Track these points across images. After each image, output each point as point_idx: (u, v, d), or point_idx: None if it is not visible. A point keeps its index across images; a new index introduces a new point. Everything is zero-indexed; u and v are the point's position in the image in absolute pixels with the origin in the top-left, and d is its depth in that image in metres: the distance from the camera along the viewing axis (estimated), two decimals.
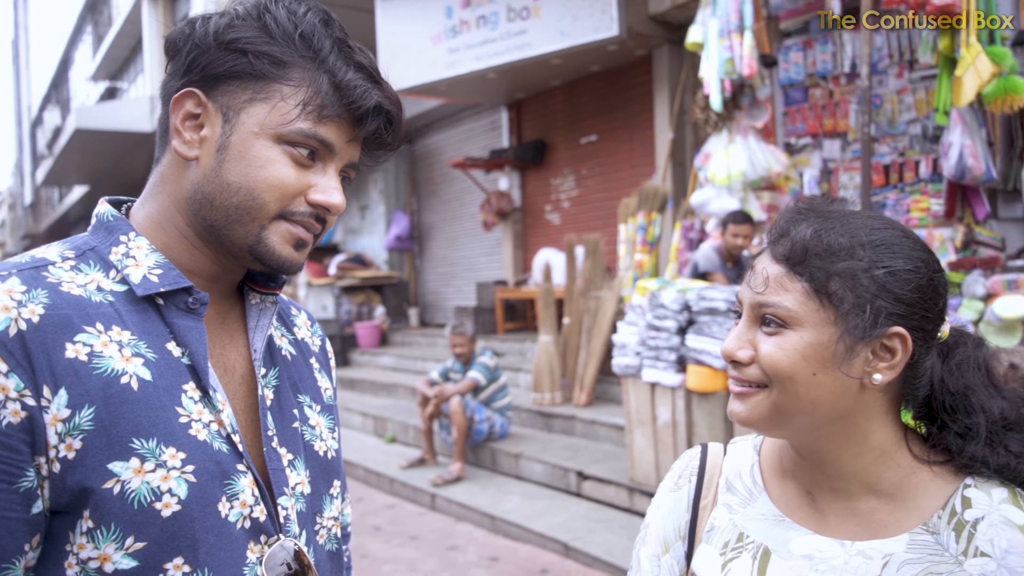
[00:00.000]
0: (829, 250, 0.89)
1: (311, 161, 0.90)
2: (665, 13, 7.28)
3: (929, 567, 0.87)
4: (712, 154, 5.75)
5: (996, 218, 4.88)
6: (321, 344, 1.16)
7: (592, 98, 9.15)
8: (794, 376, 0.89)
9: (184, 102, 0.90)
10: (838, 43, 5.76)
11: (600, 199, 9.18)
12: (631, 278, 6.97)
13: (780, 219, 0.96)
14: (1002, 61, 4.05)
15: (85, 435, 0.78)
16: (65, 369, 0.79)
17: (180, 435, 0.84)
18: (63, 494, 0.78)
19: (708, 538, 1.02)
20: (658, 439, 4.87)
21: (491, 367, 6.50)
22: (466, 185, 10.94)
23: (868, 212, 0.96)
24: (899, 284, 0.89)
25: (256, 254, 0.91)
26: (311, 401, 1.05)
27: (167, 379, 0.85)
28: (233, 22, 0.89)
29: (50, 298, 0.81)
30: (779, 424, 0.92)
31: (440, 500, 5.83)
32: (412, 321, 12.14)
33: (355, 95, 0.89)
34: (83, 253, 0.89)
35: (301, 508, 0.95)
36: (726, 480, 1.05)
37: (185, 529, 0.82)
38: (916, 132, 5.42)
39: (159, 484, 0.81)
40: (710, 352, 4.45)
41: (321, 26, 0.91)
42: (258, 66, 0.88)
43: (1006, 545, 0.86)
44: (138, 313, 0.87)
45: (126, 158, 16.17)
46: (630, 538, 4.65)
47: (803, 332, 0.89)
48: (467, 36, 8.26)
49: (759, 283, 0.92)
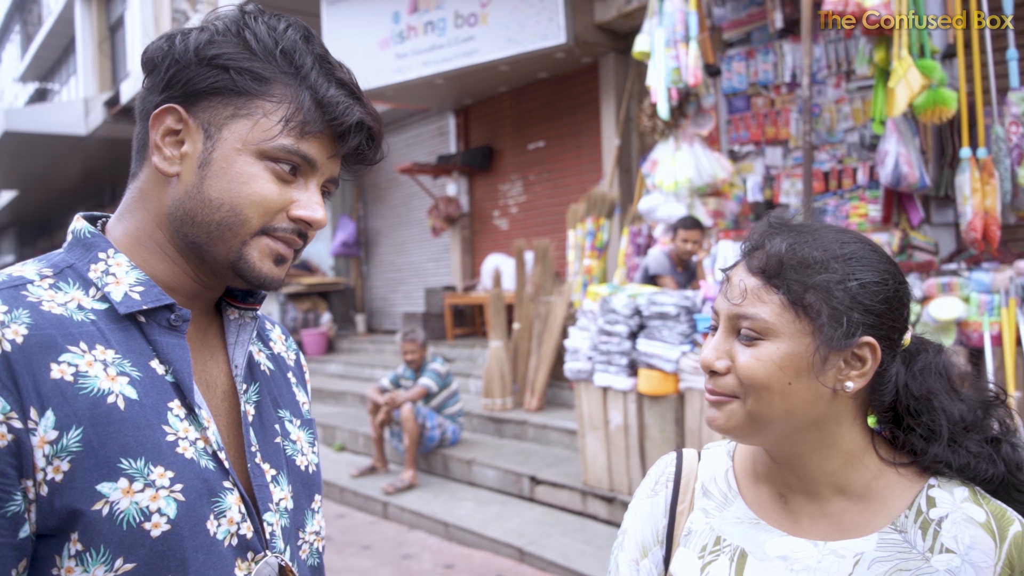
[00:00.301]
0: (804, 263, 0.92)
1: (293, 177, 0.90)
2: (611, 22, 7.40)
3: (898, 564, 0.92)
4: (659, 161, 5.85)
5: (929, 223, 5.09)
6: (296, 358, 1.16)
7: (539, 104, 9.22)
8: (770, 386, 0.92)
9: (164, 118, 0.89)
10: (779, 53, 5.93)
11: (548, 205, 9.25)
12: (580, 283, 7.05)
13: (754, 233, 1.00)
14: (931, 74, 4.23)
15: (73, 456, 0.77)
16: (51, 390, 0.77)
17: (168, 454, 0.83)
18: (50, 517, 0.77)
19: (686, 542, 1.05)
20: (610, 442, 4.93)
21: (442, 373, 6.49)
22: (413, 191, 10.90)
23: (836, 227, 1.00)
24: (869, 296, 0.92)
25: (237, 270, 0.91)
26: (291, 416, 1.05)
27: (153, 397, 0.84)
28: (214, 38, 0.88)
29: (32, 318, 0.80)
30: (755, 431, 0.95)
31: (392, 508, 5.78)
32: (359, 328, 12.03)
33: (337, 111, 0.89)
34: (61, 271, 0.87)
35: (285, 523, 0.95)
36: (702, 485, 1.08)
37: (175, 549, 0.81)
38: (854, 140, 5.61)
39: (148, 504, 0.80)
40: (661, 356, 4.53)
41: (302, 42, 0.91)
42: (240, 82, 0.87)
43: (969, 541, 0.91)
44: (120, 331, 0.86)
45: (59, 162, 15.64)
46: (584, 541, 4.70)
47: (779, 343, 0.92)
48: (414, 42, 8.24)
49: (736, 295, 0.95)
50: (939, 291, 4.05)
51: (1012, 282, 3.85)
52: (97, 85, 16.09)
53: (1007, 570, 0.89)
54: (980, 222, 4.21)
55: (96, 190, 18.90)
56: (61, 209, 21.46)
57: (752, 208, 6.19)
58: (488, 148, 10.01)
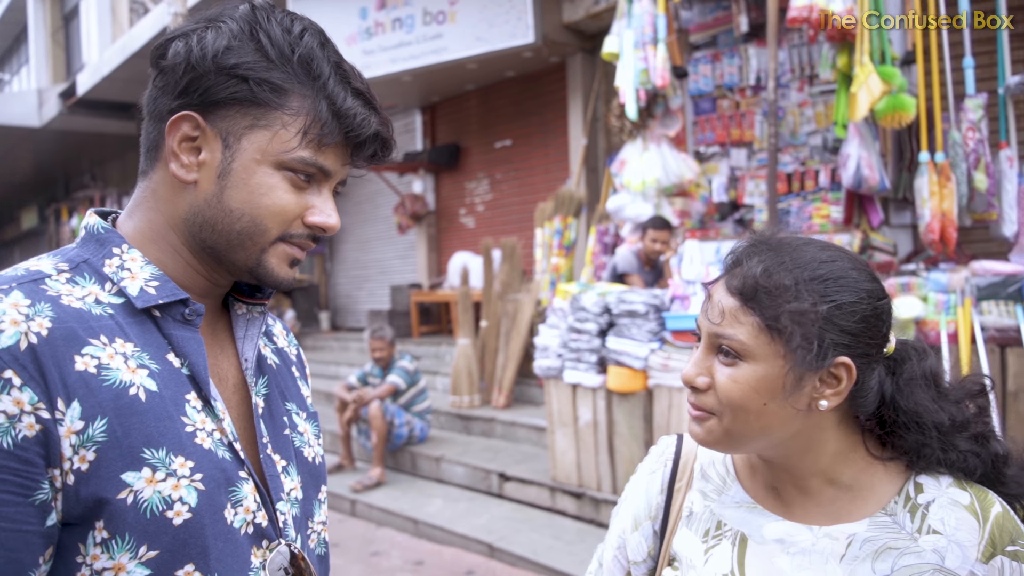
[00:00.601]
0: (777, 288, 0.94)
1: (307, 184, 0.92)
2: (579, 22, 7.46)
3: (888, 543, 0.97)
4: (627, 161, 5.93)
5: (889, 225, 5.25)
6: (297, 353, 1.18)
7: (507, 103, 9.25)
8: (746, 406, 0.96)
9: (181, 125, 0.89)
10: (744, 57, 6.05)
11: (515, 203, 9.29)
12: (548, 281, 7.11)
13: (735, 249, 1.02)
14: (891, 80, 4.37)
15: (99, 446, 0.79)
16: (76, 382, 0.79)
17: (187, 444, 0.85)
18: (76, 506, 0.79)
19: (688, 523, 1.10)
20: (579, 439, 4.99)
21: (411, 371, 6.49)
22: (379, 187, 10.85)
23: (820, 242, 1.02)
24: (844, 317, 0.95)
25: (255, 274, 0.94)
26: (297, 409, 1.07)
27: (171, 389, 0.86)
28: (231, 43, 0.88)
29: (54, 311, 0.81)
30: (734, 446, 1.00)
31: (360, 506, 5.77)
32: (323, 325, 11.94)
33: (355, 123, 0.91)
34: (77, 266, 0.88)
35: (296, 513, 0.98)
36: (701, 467, 1.13)
37: (196, 536, 0.83)
38: (816, 143, 5.75)
39: (170, 493, 0.82)
40: (630, 353, 4.59)
41: (319, 49, 0.91)
42: (259, 93, 0.88)
43: (955, 523, 0.97)
44: (137, 325, 0.88)
45: (10, 155, 15.21)
46: (554, 536, 4.75)
47: (755, 365, 0.95)
48: (382, 38, 8.22)
49: (716, 315, 0.99)
50: (898, 291, 4.18)
51: (967, 282, 4.00)
52: (51, 76, 15.69)
53: (989, 548, 0.95)
54: (938, 224, 4.36)
55: (49, 183, 18.42)
56: (13, 202, 20.87)
57: (717, 208, 6.31)
58: (455, 146, 10.02)
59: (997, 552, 0.95)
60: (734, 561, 1.03)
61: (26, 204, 20.46)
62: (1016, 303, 3.83)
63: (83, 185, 16.81)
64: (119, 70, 10.43)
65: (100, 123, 12.69)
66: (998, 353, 3.83)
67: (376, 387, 6.42)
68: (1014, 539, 0.96)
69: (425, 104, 10.29)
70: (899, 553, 0.96)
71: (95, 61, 11.80)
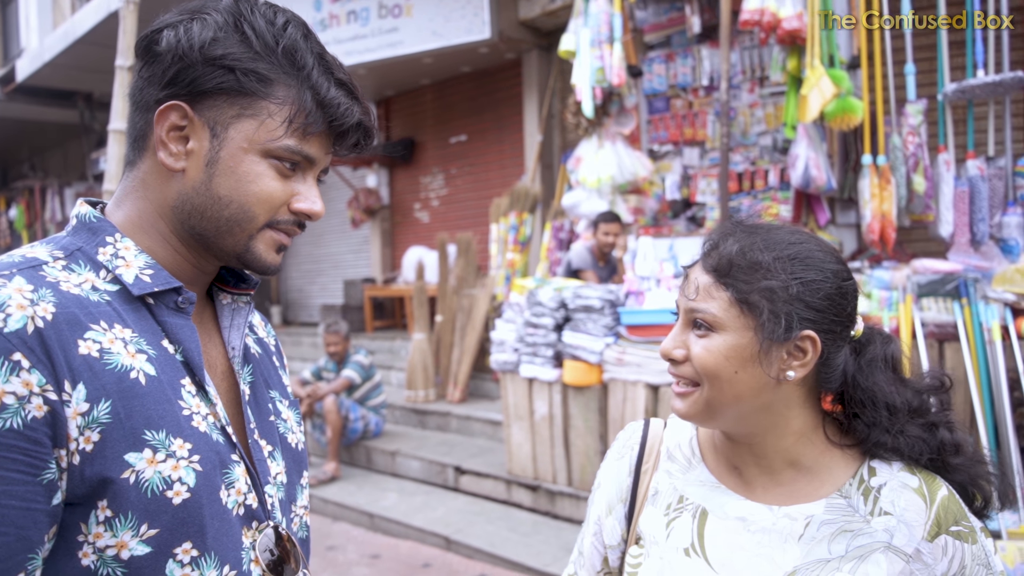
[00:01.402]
0: (751, 266, 1.02)
1: (292, 172, 0.95)
2: (535, 19, 7.51)
3: (843, 525, 1.04)
4: (583, 158, 6.01)
5: (835, 224, 5.43)
6: (276, 343, 1.21)
7: (462, 99, 9.26)
8: (719, 374, 1.03)
9: (169, 115, 0.91)
10: (697, 58, 6.18)
11: (470, 198, 9.31)
12: (503, 276, 7.15)
13: (712, 233, 1.10)
14: (840, 83, 4.52)
15: (103, 428, 0.81)
16: (81, 365, 0.81)
17: (185, 427, 0.88)
18: (80, 485, 0.81)
19: (653, 501, 1.16)
20: (535, 432, 5.05)
21: (366, 365, 6.47)
22: (332, 181, 10.74)
23: (790, 228, 1.10)
24: (810, 293, 1.02)
25: (243, 260, 0.96)
26: (280, 396, 1.10)
27: (168, 374, 0.89)
28: (217, 35, 0.90)
29: (56, 297, 0.83)
30: (712, 416, 1.07)
31: (315, 500, 5.74)
32: (275, 319, 11.79)
33: (338, 112, 0.94)
34: (71, 253, 0.90)
35: (281, 496, 1.01)
36: (667, 450, 1.20)
37: (194, 515, 0.86)
38: (766, 144, 5.91)
39: (170, 473, 0.85)
40: (586, 348, 4.67)
41: (303, 41, 0.94)
42: (245, 83, 0.91)
43: (904, 504, 1.04)
44: (133, 312, 0.90)
45: None
46: (510, 528, 4.81)
47: (726, 335, 1.03)
48: (337, 31, 8.14)
49: (691, 291, 1.07)
50: None
51: (909, 280, 4.17)
52: None
53: (935, 527, 1.02)
54: (878, 224, 4.53)
55: None
56: None
57: (670, 206, 6.43)
58: (410, 140, 9.98)
59: (942, 531, 1.02)
60: (694, 533, 1.09)
61: None
62: (954, 300, 4.01)
63: (22, 175, 16.24)
64: (61, 56, 10.11)
65: (40, 111, 12.29)
66: (936, 347, 4.01)
67: (331, 382, 6.38)
68: (958, 520, 1.03)
69: (380, 98, 10.23)
70: (853, 535, 1.03)
71: (35, 47, 11.41)
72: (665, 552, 1.10)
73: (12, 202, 16.01)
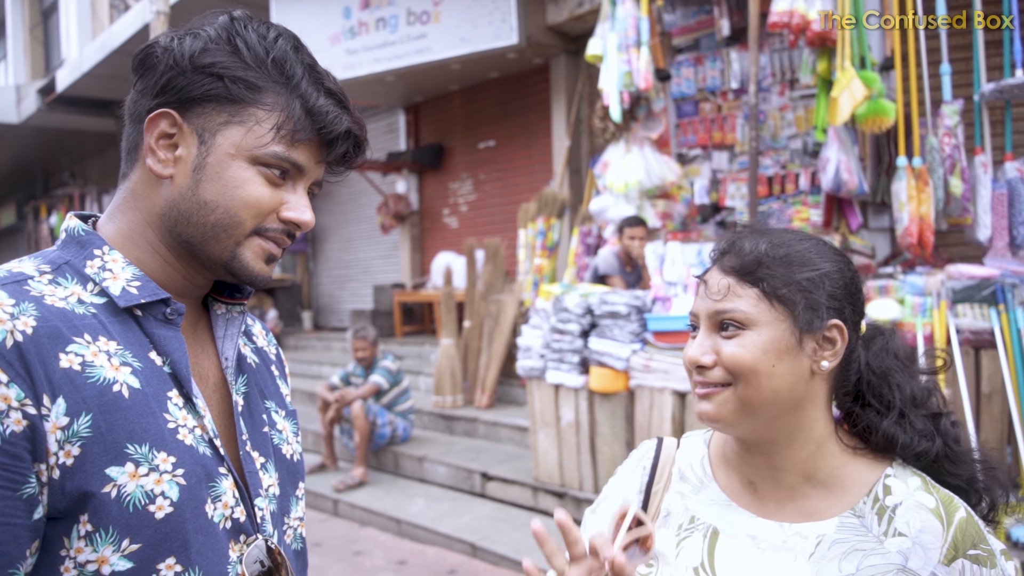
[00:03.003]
0: (775, 259, 1.04)
1: (282, 180, 0.95)
2: (563, 24, 7.49)
3: (855, 545, 1.01)
4: (610, 163, 5.97)
5: (867, 228, 5.32)
6: (277, 352, 1.20)
7: (490, 104, 9.27)
8: (757, 369, 1.01)
9: (159, 122, 0.92)
10: (726, 61, 6.11)
11: (498, 204, 9.31)
12: (531, 282, 7.13)
13: (725, 238, 1.10)
14: (872, 85, 4.44)
15: (83, 441, 0.81)
16: (61, 378, 0.81)
17: (169, 440, 0.87)
18: (61, 500, 0.80)
19: (665, 523, 1.13)
20: (562, 439, 5.02)
21: (393, 371, 6.49)
22: (362, 187, 10.83)
23: (791, 229, 1.13)
24: (831, 283, 1.04)
25: (230, 268, 0.96)
26: (276, 407, 1.09)
27: (154, 387, 0.88)
28: (208, 45, 0.92)
29: (38, 310, 0.83)
30: (745, 417, 1.03)
31: (343, 505, 5.77)
32: (306, 325, 11.90)
33: (326, 120, 0.94)
34: (59, 267, 0.90)
35: (273, 509, 1.00)
36: (679, 470, 1.17)
37: (177, 530, 0.85)
38: (797, 147, 5.82)
39: (152, 487, 0.84)
40: (612, 354, 4.63)
41: (293, 52, 0.95)
42: (234, 90, 0.91)
43: (919, 526, 1.00)
44: (120, 324, 0.90)
45: None
46: None
47: (760, 330, 1.02)
48: (366, 38, 8.20)
49: (715, 292, 1.05)
50: (876, 293, 4.25)
51: (943, 285, 4.06)
52: (29, 72, 15.50)
53: (952, 551, 0.99)
54: (916, 228, 4.43)
55: (28, 180, 18.21)
56: None
57: (699, 210, 6.36)
58: (438, 146, 10.02)
59: (959, 555, 0.99)
60: (704, 553, 1.07)
61: (4, 201, 20.21)
62: (990, 306, 3.91)
63: (62, 183, 16.63)
64: (99, 67, 10.34)
65: (80, 120, 12.58)
66: (972, 355, 3.90)
67: (359, 387, 6.41)
68: (976, 543, 0.99)
69: (409, 104, 10.29)
70: (865, 554, 1.00)
71: (75, 57, 11.68)
72: (675, 571, 1.08)
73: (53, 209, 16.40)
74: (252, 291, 1.07)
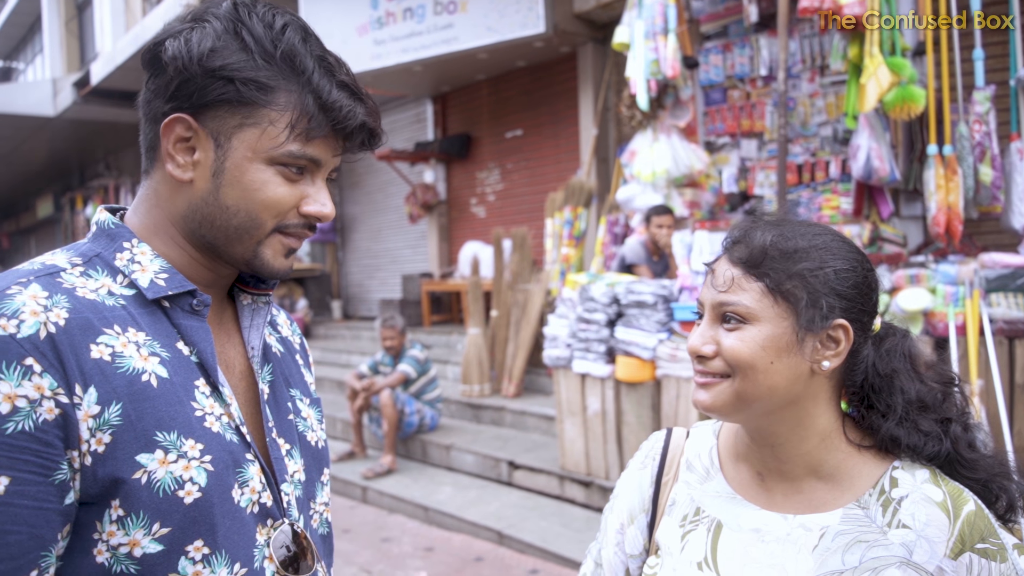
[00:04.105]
0: (785, 254, 1.01)
1: (300, 176, 0.96)
2: (590, 12, 7.45)
3: (858, 536, 1.01)
4: (637, 151, 5.95)
5: (899, 216, 5.24)
6: (300, 342, 1.23)
7: (518, 93, 9.26)
8: (755, 364, 1.00)
9: (175, 127, 0.93)
10: (755, 47, 6.03)
11: (525, 193, 9.31)
12: (558, 271, 7.13)
13: (735, 227, 1.09)
14: (901, 71, 4.36)
15: (114, 429, 0.84)
16: (92, 368, 0.84)
17: (197, 427, 0.90)
18: (93, 485, 0.83)
19: (670, 511, 1.14)
20: (588, 428, 5.04)
21: (421, 360, 6.54)
22: (390, 177, 10.89)
23: (807, 220, 1.09)
24: (841, 282, 1.02)
25: (252, 266, 0.98)
26: (301, 395, 1.12)
27: (181, 376, 0.91)
28: (215, 44, 0.91)
29: (70, 302, 0.86)
30: (739, 409, 1.03)
31: (372, 493, 5.85)
32: (335, 314, 12.02)
33: (341, 115, 0.94)
34: (89, 259, 0.93)
35: (299, 494, 1.03)
36: (687, 460, 1.18)
37: (205, 514, 0.88)
38: (827, 134, 5.74)
39: (181, 473, 0.87)
40: (638, 343, 4.63)
41: (301, 44, 0.94)
42: (246, 93, 0.91)
43: (925, 519, 0.99)
44: (148, 315, 0.92)
45: (25, 144, 15.34)
46: (562, 524, 4.81)
47: (761, 326, 1.01)
48: (393, 28, 8.23)
49: (720, 283, 1.04)
50: (907, 282, 4.19)
51: (976, 274, 4.00)
52: (65, 65, 15.78)
53: (959, 544, 0.98)
54: (943, 217, 4.36)
55: (64, 172, 18.57)
56: (28, 191, 21.05)
57: (727, 199, 6.31)
58: (466, 135, 10.04)
59: (966, 549, 0.97)
60: (708, 547, 1.07)
61: (42, 193, 20.63)
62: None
63: (98, 174, 16.94)
64: (132, 59, 10.48)
65: (114, 112, 12.77)
66: (1006, 345, 3.84)
67: (387, 376, 6.48)
68: (984, 537, 0.98)
69: (436, 94, 10.31)
70: (868, 546, 1.00)
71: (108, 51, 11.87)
72: (678, 564, 1.08)
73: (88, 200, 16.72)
74: (276, 282, 1.10)
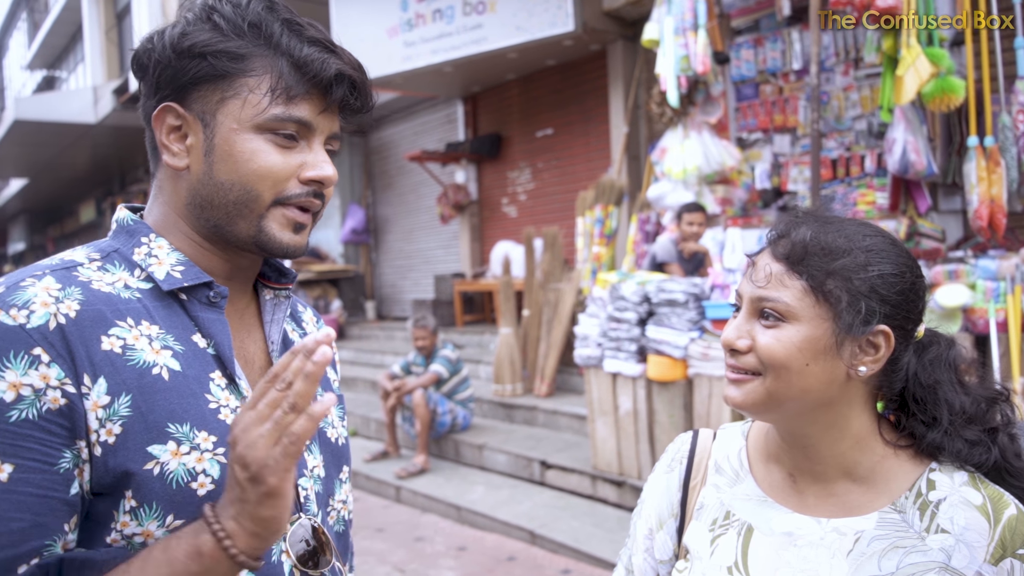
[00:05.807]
0: (827, 252, 0.98)
1: (294, 142, 0.95)
2: (619, 9, 7.41)
3: (895, 542, 0.98)
4: (668, 149, 5.90)
5: (937, 211, 5.13)
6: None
7: (547, 92, 9.24)
8: (789, 365, 0.97)
9: (164, 117, 0.95)
10: (787, 41, 5.95)
11: (556, 192, 9.29)
12: (589, 270, 7.11)
13: (780, 221, 1.05)
14: (940, 62, 4.26)
15: (124, 420, 0.84)
16: (102, 360, 0.85)
17: (211, 420, 0.90)
18: (105, 476, 0.84)
19: (698, 515, 1.12)
20: (620, 428, 5.01)
21: (453, 360, 6.57)
22: (422, 178, 10.95)
23: (859, 220, 1.05)
24: (886, 287, 0.98)
25: (259, 244, 0.97)
26: (322, 391, 1.12)
27: (195, 368, 0.92)
28: (186, 29, 0.93)
29: (84, 295, 0.87)
30: (771, 408, 1.01)
31: (405, 492, 5.88)
32: (369, 314, 12.12)
33: (315, 68, 0.94)
34: (108, 255, 0.95)
35: (318, 490, 1.03)
36: (715, 463, 1.15)
37: None
38: (862, 128, 5.64)
39: (194, 465, 0.87)
40: (670, 342, 4.59)
41: (266, 12, 0.95)
42: (218, 65, 0.92)
43: (964, 523, 0.96)
44: (164, 308, 0.93)
45: (68, 151, 15.70)
46: (594, 524, 4.79)
47: (799, 326, 0.97)
48: (423, 30, 8.27)
49: (760, 278, 1.01)
50: (945, 278, 4.10)
51: (1018, 269, 3.90)
52: (105, 73, 16.12)
53: (999, 550, 0.94)
54: (986, 210, 4.25)
55: (106, 178, 18.98)
56: (71, 197, 21.55)
57: (760, 195, 6.23)
58: (496, 135, 10.05)
59: (1007, 554, 0.94)
60: (738, 552, 1.04)
61: (84, 198, 21.10)
62: None
63: (137, 179, 17.28)
64: None
65: None
66: None
67: (419, 376, 6.52)
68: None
69: (467, 94, 10.34)
70: (905, 551, 0.97)
71: None
72: (708, 569, 1.06)
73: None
74: (295, 275, 1.10)
